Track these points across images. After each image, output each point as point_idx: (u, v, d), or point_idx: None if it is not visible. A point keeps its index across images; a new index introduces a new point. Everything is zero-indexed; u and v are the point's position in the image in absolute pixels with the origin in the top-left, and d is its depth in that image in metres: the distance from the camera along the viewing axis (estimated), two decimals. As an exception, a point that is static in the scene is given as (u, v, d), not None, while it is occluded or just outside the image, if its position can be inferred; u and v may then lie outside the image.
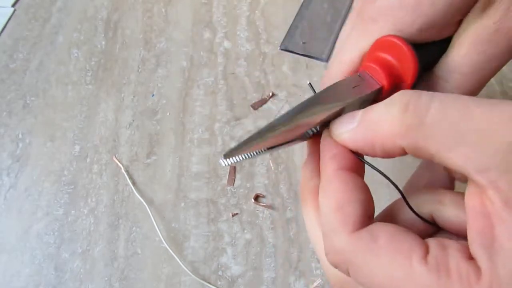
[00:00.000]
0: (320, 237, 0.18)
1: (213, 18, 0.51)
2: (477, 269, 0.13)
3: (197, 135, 0.42)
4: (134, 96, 0.45)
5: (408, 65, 0.20)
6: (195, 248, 0.36)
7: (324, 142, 0.20)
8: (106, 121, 0.44)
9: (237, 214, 0.37)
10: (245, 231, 0.36)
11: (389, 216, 0.20)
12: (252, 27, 0.50)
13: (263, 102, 0.44)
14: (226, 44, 0.48)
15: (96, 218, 0.38)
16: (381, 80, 0.21)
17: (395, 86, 0.21)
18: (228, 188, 0.38)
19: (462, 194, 0.17)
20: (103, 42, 0.50)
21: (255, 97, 0.44)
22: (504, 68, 0.45)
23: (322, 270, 0.34)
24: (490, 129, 0.13)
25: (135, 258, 0.36)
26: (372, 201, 0.18)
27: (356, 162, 0.19)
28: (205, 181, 0.39)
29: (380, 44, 0.21)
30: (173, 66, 0.47)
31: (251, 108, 0.43)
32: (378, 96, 0.21)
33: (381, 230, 0.16)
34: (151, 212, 0.37)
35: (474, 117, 0.13)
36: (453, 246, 0.15)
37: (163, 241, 0.35)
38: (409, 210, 0.19)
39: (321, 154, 0.19)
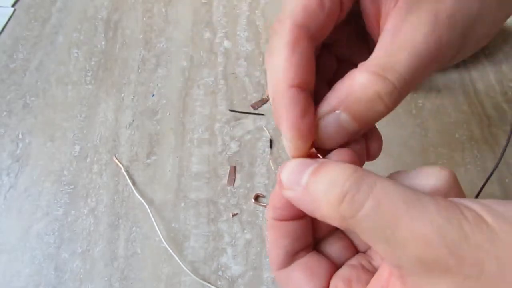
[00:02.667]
0: None
1: (213, 18, 0.51)
2: None
3: (197, 135, 0.42)
4: (134, 96, 0.45)
5: None
6: (195, 248, 0.36)
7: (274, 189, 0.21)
8: (106, 121, 0.44)
9: (237, 214, 0.37)
10: (245, 231, 0.36)
11: None
12: (252, 27, 0.50)
13: (263, 102, 0.44)
14: (226, 44, 0.48)
15: (96, 218, 0.38)
16: None
17: None
18: (228, 188, 0.38)
19: None
20: (103, 42, 0.50)
21: (255, 97, 0.44)
22: (504, 68, 0.45)
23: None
24: (407, 243, 0.15)
25: (135, 258, 0.36)
26: (303, 236, 0.21)
27: (291, 210, 0.20)
28: (205, 181, 0.39)
29: None
30: (173, 66, 0.47)
31: (251, 108, 0.43)
32: None
33: (293, 275, 0.21)
34: (151, 212, 0.37)
35: (399, 225, 0.15)
36: None
37: (163, 241, 0.35)
38: None
39: (270, 198, 0.21)
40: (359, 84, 0.18)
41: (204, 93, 0.45)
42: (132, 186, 0.39)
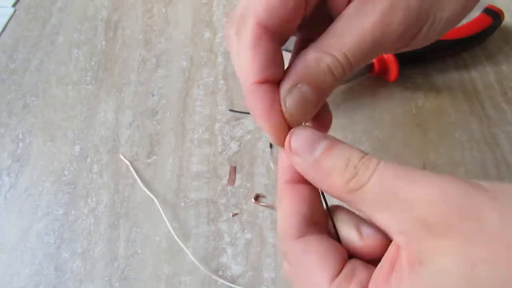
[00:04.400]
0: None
1: (213, 18, 0.51)
2: None
3: (197, 135, 0.42)
4: (134, 96, 0.45)
5: None
6: (195, 248, 0.36)
7: (282, 151, 0.21)
8: (106, 121, 0.44)
9: (237, 214, 0.37)
10: (245, 231, 0.36)
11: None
12: (252, 27, 0.49)
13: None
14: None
15: (96, 218, 0.38)
16: None
17: None
18: (228, 188, 0.38)
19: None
20: (103, 42, 0.50)
21: (255, 97, 0.44)
22: (504, 68, 0.45)
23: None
24: (411, 205, 0.16)
25: (135, 258, 0.36)
26: (318, 206, 0.21)
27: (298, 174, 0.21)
28: (205, 181, 0.39)
29: None
30: (173, 66, 0.47)
31: (251, 108, 0.43)
32: None
33: (314, 246, 0.19)
34: (159, 205, 0.37)
35: (402, 191, 0.17)
36: (358, 276, 0.18)
37: (172, 233, 0.35)
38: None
39: (279, 161, 0.22)
40: (314, 60, 0.20)
41: (204, 93, 0.45)
42: (139, 181, 0.39)
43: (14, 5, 0.55)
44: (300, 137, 0.20)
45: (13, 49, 0.51)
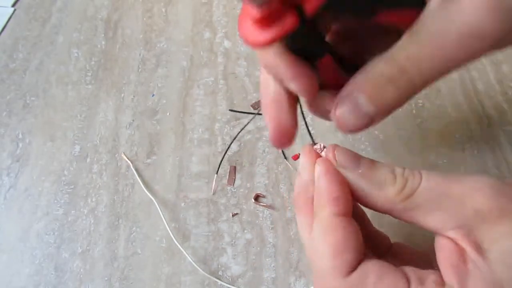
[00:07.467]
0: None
1: (213, 18, 0.51)
2: None
3: (197, 135, 0.42)
4: (134, 96, 0.45)
5: None
6: (195, 248, 0.36)
7: (325, 179, 0.21)
8: (106, 121, 0.44)
9: (237, 214, 0.37)
10: (245, 231, 0.36)
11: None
12: (252, 27, 0.49)
13: (263, 102, 0.43)
14: (226, 44, 0.48)
15: (96, 218, 0.38)
16: None
17: None
18: (228, 188, 0.38)
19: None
20: (103, 42, 0.50)
21: (255, 97, 0.44)
22: (504, 68, 0.45)
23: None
24: (463, 200, 0.18)
25: (135, 258, 0.36)
26: (362, 239, 0.21)
27: (351, 206, 0.21)
28: (205, 181, 0.39)
29: None
30: (173, 66, 0.47)
31: (251, 108, 0.43)
32: None
33: (370, 270, 0.19)
34: (159, 207, 0.37)
35: (451, 188, 0.19)
36: (429, 277, 0.19)
37: (170, 233, 0.35)
38: None
39: (319, 191, 0.21)
40: (370, 66, 0.19)
41: (204, 93, 0.45)
42: (140, 181, 0.39)
43: (13, 5, 0.55)
44: (344, 153, 0.21)
45: (13, 49, 0.51)
